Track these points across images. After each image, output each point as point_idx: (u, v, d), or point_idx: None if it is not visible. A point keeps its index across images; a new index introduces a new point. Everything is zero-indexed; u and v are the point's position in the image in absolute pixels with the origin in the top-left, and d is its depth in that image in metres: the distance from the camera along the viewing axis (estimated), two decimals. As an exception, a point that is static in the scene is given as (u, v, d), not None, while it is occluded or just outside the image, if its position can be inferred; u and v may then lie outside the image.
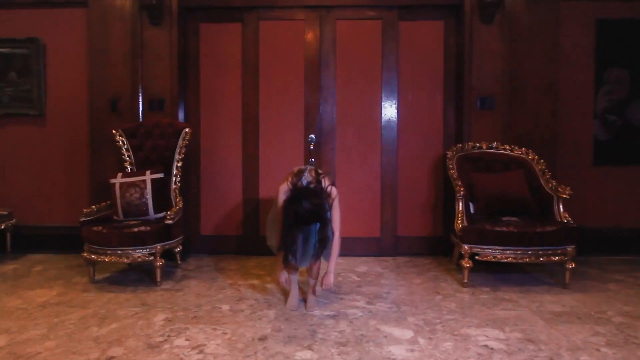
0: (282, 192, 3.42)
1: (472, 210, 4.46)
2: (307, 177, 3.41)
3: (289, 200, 3.25)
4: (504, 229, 3.96)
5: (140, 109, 4.95)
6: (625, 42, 5.03)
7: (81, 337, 3.03)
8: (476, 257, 4.03)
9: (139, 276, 4.37)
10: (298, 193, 3.26)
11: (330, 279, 3.43)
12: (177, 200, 4.45)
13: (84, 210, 4.23)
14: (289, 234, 3.25)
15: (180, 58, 4.99)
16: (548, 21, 4.86)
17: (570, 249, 3.94)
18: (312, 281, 3.65)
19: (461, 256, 4.11)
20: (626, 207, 5.11)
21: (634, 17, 5.00)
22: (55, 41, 5.19)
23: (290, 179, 3.43)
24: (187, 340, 2.99)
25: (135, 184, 4.28)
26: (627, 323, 3.26)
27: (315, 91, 5.07)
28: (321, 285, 3.47)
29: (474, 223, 4.15)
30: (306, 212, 3.16)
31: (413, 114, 5.10)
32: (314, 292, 3.67)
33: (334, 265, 3.47)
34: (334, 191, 3.44)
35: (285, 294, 3.80)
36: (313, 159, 4.90)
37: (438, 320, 3.32)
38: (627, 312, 3.48)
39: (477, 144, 4.72)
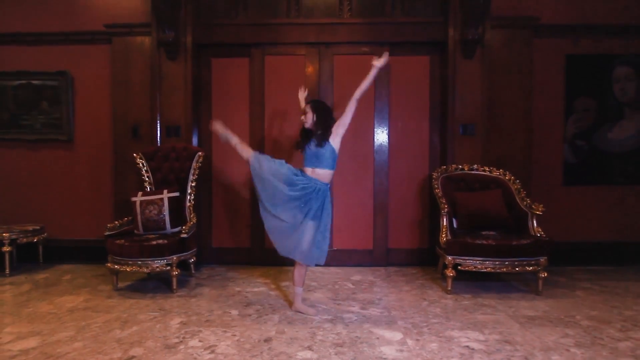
0: None
1: (455, 225, 4.52)
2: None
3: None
4: (484, 242, 4.01)
5: (159, 134, 5.03)
6: (592, 75, 5.13)
7: (105, 338, 3.08)
8: (459, 267, 4.08)
9: (157, 284, 4.42)
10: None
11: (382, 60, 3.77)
12: (192, 216, 4.49)
13: (108, 225, 4.29)
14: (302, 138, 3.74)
15: (194, 89, 5.08)
16: (523, 56, 4.97)
17: (542, 260, 4.01)
18: (298, 289, 3.64)
19: (445, 266, 4.17)
20: (592, 223, 5.18)
21: (600, 53, 5.11)
22: (83, 74, 5.29)
23: None
24: (200, 341, 3.04)
25: (154, 201, 4.35)
26: (594, 326, 3.32)
27: (315, 118, 5.15)
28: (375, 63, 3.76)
29: (456, 237, 4.21)
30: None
31: (402, 139, 5.17)
32: (298, 300, 3.68)
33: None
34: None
35: (287, 299, 3.88)
36: None
37: (424, 324, 3.36)
38: (593, 316, 3.53)
39: (460, 166, 4.78)
